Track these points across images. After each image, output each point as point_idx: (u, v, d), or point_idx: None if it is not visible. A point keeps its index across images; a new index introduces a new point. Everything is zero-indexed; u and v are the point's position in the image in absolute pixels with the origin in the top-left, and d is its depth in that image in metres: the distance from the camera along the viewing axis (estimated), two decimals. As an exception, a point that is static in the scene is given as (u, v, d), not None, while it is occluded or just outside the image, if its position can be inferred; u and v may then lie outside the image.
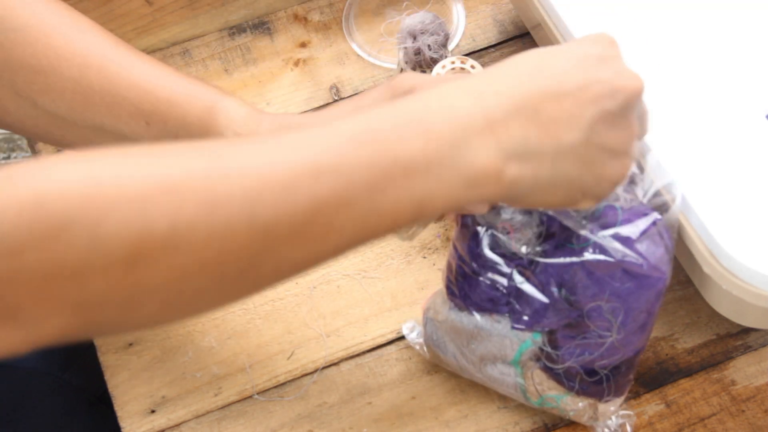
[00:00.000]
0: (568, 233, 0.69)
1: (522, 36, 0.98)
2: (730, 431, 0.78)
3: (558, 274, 0.69)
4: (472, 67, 0.84)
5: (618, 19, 0.79)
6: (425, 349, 0.79)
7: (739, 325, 0.81)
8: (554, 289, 0.70)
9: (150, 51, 0.99)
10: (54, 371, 0.93)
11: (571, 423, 0.78)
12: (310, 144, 0.50)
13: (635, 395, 0.80)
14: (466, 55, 0.96)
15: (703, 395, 0.80)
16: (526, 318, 0.72)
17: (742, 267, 0.68)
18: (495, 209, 0.70)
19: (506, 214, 0.70)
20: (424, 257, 0.87)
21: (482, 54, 0.97)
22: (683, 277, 0.79)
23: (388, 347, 0.83)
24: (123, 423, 0.81)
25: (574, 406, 0.74)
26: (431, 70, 0.86)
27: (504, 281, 0.71)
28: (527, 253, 0.71)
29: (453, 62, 0.85)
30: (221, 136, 0.70)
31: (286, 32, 1.00)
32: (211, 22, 0.99)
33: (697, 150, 0.72)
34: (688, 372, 0.81)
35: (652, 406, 0.79)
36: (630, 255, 0.68)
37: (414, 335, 0.81)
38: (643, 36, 0.78)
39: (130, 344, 0.84)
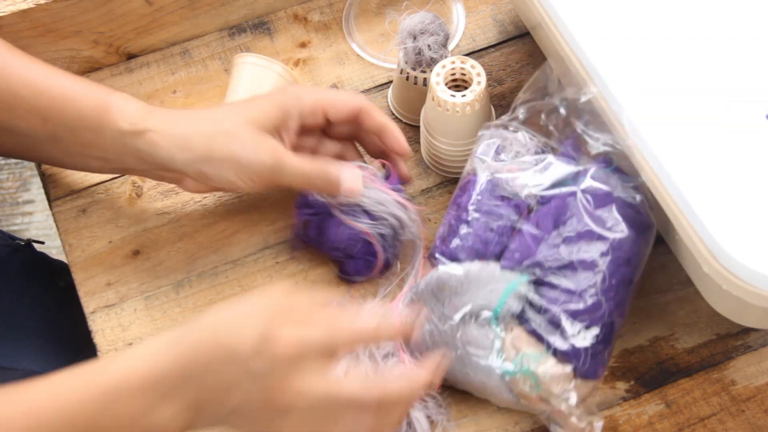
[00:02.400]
0: (567, 173, 0.77)
1: (522, 36, 0.98)
2: (730, 431, 0.78)
3: (555, 212, 0.75)
4: (473, 67, 0.84)
5: (618, 18, 0.79)
6: None
7: (739, 325, 0.81)
8: (549, 225, 0.75)
9: (150, 51, 0.99)
10: (53, 372, 0.93)
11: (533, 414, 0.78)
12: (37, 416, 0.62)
13: (635, 395, 0.80)
14: (466, 55, 0.96)
15: (703, 395, 0.80)
16: (517, 255, 0.75)
17: (742, 267, 0.68)
18: (497, 155, 0.79)
19: (511, 158, 0.78)
20: (424, 257, 0.87)
21: (482, 54, 0.97)
22: (683, 277, 0.79)
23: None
24: (123, 423, 0.81)
25: (550, 369, 0.73)
26: (431, 70, 0.86)
27: (501, 223, 0.77)
28: (529, 193, 0.76)
29: (453, 62, 0.85)
30: (116, 129, 0.76)
31: (286, 32, 1.00)
32: (211, 22, 0.99)
33: (698, 150, 0.72)
34: (688, 372, 0.81)
35: (652, 406, 0.79)
36: (627, 188, 0.74)
37: None
38: (643, 36, 0.78)
39: (130, 344, 0.84)
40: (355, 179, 0.79)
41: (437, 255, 0.78)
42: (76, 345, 0.95)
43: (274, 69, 0.89)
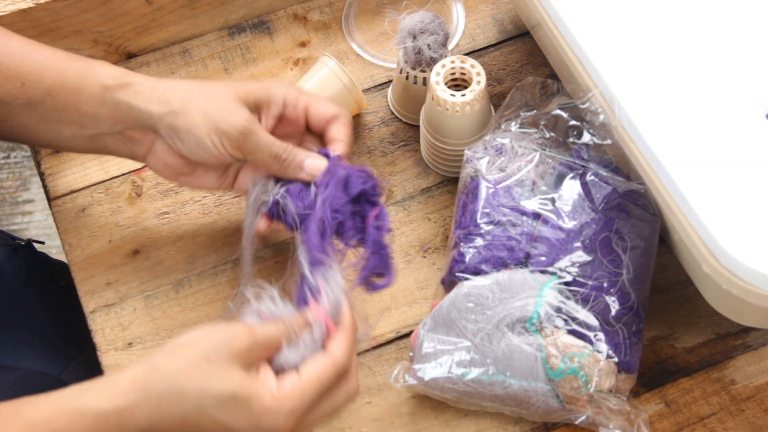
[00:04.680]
0: (571, 176, 0.79)
1: (521, 35, 0.98)
2: (730, 431, 0.78)
3: (570, 213, 0.77)
4: (472, 66, 0.84)
5: (617, 18, 0.79)
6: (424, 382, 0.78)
7: (738, 325, 0.81)
8: (568, 226, 0.76)
9: (150, 51, 0.99)
10: (53, 371, 0.93)
11: (571, 423, 0.78)
12: None
13: (635, 395, 0.80)
14: (466, 54, 0.96)
15: (703, 395, 0.80)
16: (543, 258, 0.75)
17: (742, 267, 0.68)
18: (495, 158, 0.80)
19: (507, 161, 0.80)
20: (424, 257, 0.87)
21: (482, 53, 0.97)
22: (683, 277, 0.80)
23: (388, 347, 0.83)
24: (123, 422, 0.81)
25: (596, 365, 0.74)
26: (431, 70, 0.86)
27: (518, 230, 0.77)
28: (541, 194, 0.78)
29: (453, 61, 0.85)
30: (99, 84, 0.76)
31: (286, 32, 1.00)
32: (210, 21, 0.99)
33: (698, 149, 0.72)
34: (688, 371, 0.81)
35: (651, 405, 0.79)
36: (629, 183, 0.76)
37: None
38: (642, 36, 0.78)
39: (130, 344, 0.84)
40: (318, 166, 0.77)
41: (457, 274, 0.78)
42: (76, 344, 0.95)
43: (342, 79, 0.90)
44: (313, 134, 0.81)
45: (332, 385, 0.67)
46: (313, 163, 0.77)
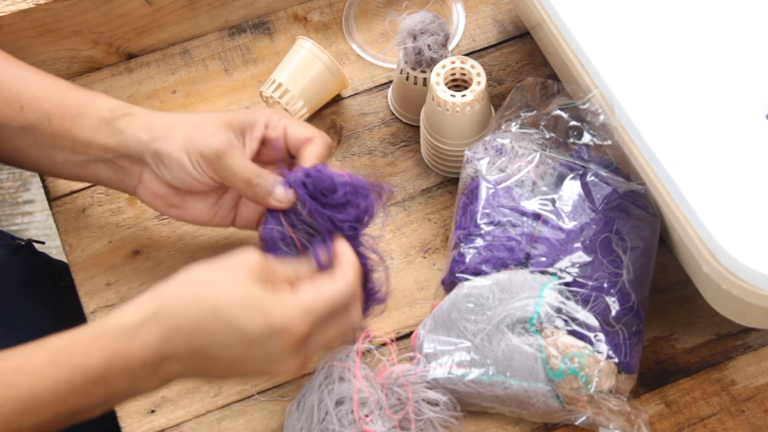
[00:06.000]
0: (571, 176, 0.79)
1: (522, 36, 0.98)
2: (730, 431, 0.78)
3: (571, 214, 0.77)
4: (473, 67, 0.85)
5: (617, 18, 0.79)
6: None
7: (739, 325, 0.81)
8: (569, 226, 0.76)
9: (150, 51, 0.99)
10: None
11: (571, 423, 0.78)
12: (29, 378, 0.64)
13: (635, 395, 0.80)
14: (466, 54, 0.96)
15: (703, 395, 0.80)
16: (543, 259, 0.75)
17: (742, 267, 0.68)
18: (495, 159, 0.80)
19: (507, 161, 0.80)
20: (424, 257, 0.87)
21: (482, 54, 0.97)
22: (683, 277, 0.80)
23: (388, 346, 0.83)
24: (123, 423, 0.81)
25: (596, 366, 0.74)
26: (431, 70, 0.86)
27: (519, 230, 0.77)
28: (541, 195, 0.78)
29: (453, 62, 0.85)
30: (97, 114, 0.78)
31: (286, 32, 1.00)
32: (210, 22, 0.99)
33: (698, 150, 0.72)
34: (688, 372, 0.81)
35: (651, 405, 0.79)
36: (629, 183, 0.76)
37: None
38: (642, 36, 0.78)
39: (130, 344, 0.84)
40: (286, 197, 0.74)
41: (457, 274, 0.78)
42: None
43: (321, 59, 0.91)
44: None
45: (343, 307, 0.68)
46: (280, 191, 0.75)
